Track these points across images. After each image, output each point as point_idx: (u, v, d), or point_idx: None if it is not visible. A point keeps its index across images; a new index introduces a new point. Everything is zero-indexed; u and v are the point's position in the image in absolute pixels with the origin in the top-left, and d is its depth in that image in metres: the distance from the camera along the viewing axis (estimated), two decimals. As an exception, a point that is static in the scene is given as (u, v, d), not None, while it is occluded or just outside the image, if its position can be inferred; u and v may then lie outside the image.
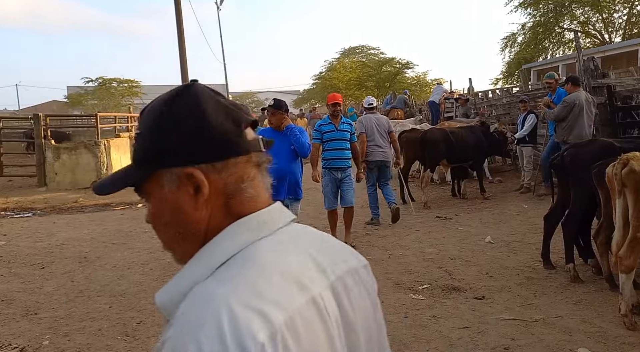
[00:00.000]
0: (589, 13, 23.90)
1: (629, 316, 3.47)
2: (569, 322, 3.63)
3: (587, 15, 24.06)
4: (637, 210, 3.42)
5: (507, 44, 26.40)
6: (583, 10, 23.85)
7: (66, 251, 6.34)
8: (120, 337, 3.75)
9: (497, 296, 4.24)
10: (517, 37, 25.91)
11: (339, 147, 5.91)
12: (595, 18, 23.98)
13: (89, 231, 7.54)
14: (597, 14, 23.49)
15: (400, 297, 4.30)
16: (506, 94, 12.96)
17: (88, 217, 8.85)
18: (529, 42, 25.23)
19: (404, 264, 5.20)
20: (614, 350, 3.19)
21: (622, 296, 3.53)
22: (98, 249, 6.44)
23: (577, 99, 6.91)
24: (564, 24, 24.41)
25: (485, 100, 14.01)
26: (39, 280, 5.19)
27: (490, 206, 7.99)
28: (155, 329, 3.86)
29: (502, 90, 15.15)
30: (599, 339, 3.33)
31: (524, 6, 24.31)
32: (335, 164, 5.92)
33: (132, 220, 8.31)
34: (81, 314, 4.24)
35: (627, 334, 3.37)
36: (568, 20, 24.24)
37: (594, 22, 24.21)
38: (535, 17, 24.56)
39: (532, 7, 24.09)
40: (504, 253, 5.41)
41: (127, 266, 5.64)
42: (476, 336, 3.49)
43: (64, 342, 3.68)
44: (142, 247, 6.45)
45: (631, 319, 3.46)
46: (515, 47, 26.16)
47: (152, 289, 4.80)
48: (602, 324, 3.56)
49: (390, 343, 3.23)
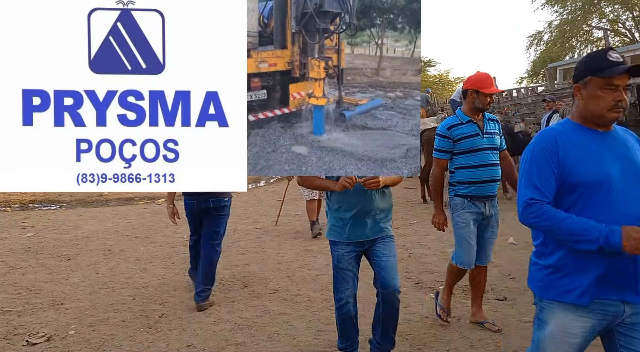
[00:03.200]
0: (618, 11, 23.33)
1: None
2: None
3: (617, 13, 23.48)
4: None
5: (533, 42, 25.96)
6: (613, 8, 23.30)
7: (91, 244, 6.48)
8: (143, 329, 3.82)
9: (519, 297, 4.18)
10: (544, 36, 25.48)
11: (487, 162, 3.55)
12: (625, 16, 23.39)
13: (113, 224, 7.68)
14: (628, 11, 22.90)
15: (420, 296, 4.28)
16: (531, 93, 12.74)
17: (112, 210, 9.01)
18: (555, 41, 24.76)
19: (424, 264, 5.16)
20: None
21: None
22: (122, 242, 6.55)
23: None
24: (593, 22, 23.88)
25: (509, 99, 13.80)
26: (65, 271, 5.31)
27: (513, 206, 7.83)
28: (177, 322, 3.92)
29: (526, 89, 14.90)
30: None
31: (550, 3, 23.87)
32: (481, 192, 3.55)
33: (154, 214, 8.44)
34: (105, 305, 4.32)
35: None
36: (597, 18, 23.71)
37: (624, 20, 23.61)
38: (562, 14, 24.09)
39: (560, 5, 23.63)
40: (526, 255, 5.30)
41: (149, 259, 5.73)
42: (497, 338, 3.45)
43: (88, 333, 3.77)
44: (164, 241, 6.55)
45: None
46: (541, 45, 25.73)
47: (173, 283, 4.87)
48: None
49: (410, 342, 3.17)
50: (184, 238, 6.68)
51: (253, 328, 3.78)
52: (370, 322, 3.76)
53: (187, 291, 4.63)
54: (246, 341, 3.58)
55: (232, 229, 7.14)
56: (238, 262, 5.49)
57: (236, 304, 4.28)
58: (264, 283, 4.78)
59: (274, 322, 3.88)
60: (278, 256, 5.70)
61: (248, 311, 4.11)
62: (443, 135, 3.61)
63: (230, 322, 3.91)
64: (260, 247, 6.15)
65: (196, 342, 3.58)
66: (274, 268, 5.26)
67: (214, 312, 4.11)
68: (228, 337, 3.65)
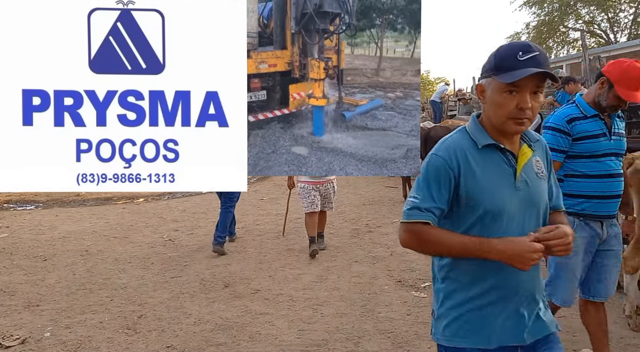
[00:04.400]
0: (594, 12, 23.81)
1: (633, 317, 3.45)
2: (572, 322, 3.61)
3: (593, 15, 23.97)
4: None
5: (511, 42, 26.30)
6: (588, 10, 23.77)
7: (68, 244, 6.34)
8: (121, 331, 3.75)
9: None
10: (522, 36, 25.83)
11: (610, 171, 2.74)
12: (601, 17, 23.89)
13: (91, 224, 7.54)
14: (603, 13, 23.39)
15: (402, 294, 4.29)
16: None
17: (90, 210, 8.84)
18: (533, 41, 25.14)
19: (406, 262, 5.18)
20: (618, 351, 3.17)
21: (627, 297, 3.51)
22: (100, 242, 6.43)
23: None
24: (569, 24, 24.32)
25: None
26: (41, 272, 5.19)
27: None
28: (156, 323, 3.85)
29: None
30: (602, 340, 3.31)
31: (528, 5, 24.23)
32: (599, 209, 2.74)
33: (133, 214, 8.31)
34: (82, 306, 4.23)
35: (631, 335, 3.36)
36: (573, 20, 24.16)
37: (599, 21, 24.11)
38: (539, 16, 24.49)
39: (537, 6, 24.01)
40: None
41: (128, 259, 5.63)
42: (478, 335, 3.47)
43: (65, 334, 3.68)
44: (143, 241, 6.45)
45: (635, 321, 3.44)
46: (519, 46, 26.06)
47: (153, 283, 4.80)
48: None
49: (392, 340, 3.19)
50: (163, 238, 6.60)
51: (234, 328, 3.74)
52: (352, 320, 3.77)
53: (166, 291, 4.57)
54: (227, 341, 3.54)
55: (213, 229, 7.07)
56: (219, 262, 5.43)
57: (217, 304, 4.24)
58: (246, 283, 4.74)
59: (256, 322, 3.85)
60: (260, 256, 5.66)
61: (229, 311, 4.07)
62: (561, 130, 2.71)
63: (211, 322, 3.86)
64: (242, 246, 6.10)
65: (176, 343, 3.52)
66: (256, 268, 5.22)
67: (194, 312, 4.06)
68: (208, 337, 3.60)
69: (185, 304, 4.26)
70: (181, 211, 8.58)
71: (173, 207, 8.98)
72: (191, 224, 7.44)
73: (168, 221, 7.75)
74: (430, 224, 1.61)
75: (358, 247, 5.86)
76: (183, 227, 7.28)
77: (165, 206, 9.19)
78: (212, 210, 8.51)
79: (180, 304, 4.26)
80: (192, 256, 5.70)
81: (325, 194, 5.62)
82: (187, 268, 5.26)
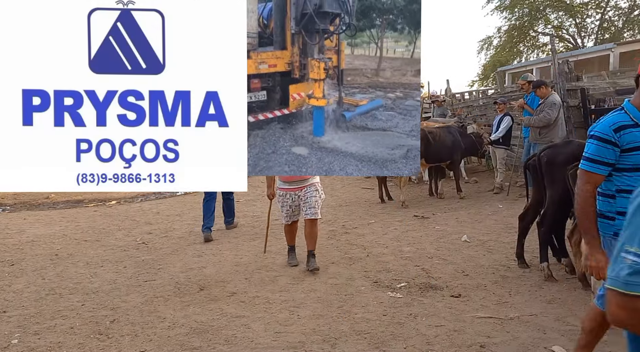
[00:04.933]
0: (562, 18, 24.45)
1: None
2: (543, 320, 3.70)
3: (561, 20, 24.61)
4: (610, 210, 3.48)
5: (484, 46, 26.80)
6: (557, 15, 24.41)
7: (37, 248, 6.17)
8: (92, 336, 3.66)
9: (473, 294, 4.29)
10: (493, 40, 26.34)
11: None
12: (569, 23, 24.55)
13: (61, 227, 7.35)
14: (571, 18, 24.05)
15: (378, 295, 4.32)
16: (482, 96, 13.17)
17: (60, 213, 8.62)
18: (504, 45, 25.66)
19: (382, 263, 5.21)
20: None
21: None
22: (70, 246, 6.28)
23: (558, 100, 7.10)
24: (539, 28, 24.92)
25: (462, 102, 14.21)
26: (8, 277, 5.03)
27: (466, 205, 8.09)
28: (129, 328, 3.78)
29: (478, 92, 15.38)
30: (572, 337, 3.40)
31: (500, 10, 24.72)
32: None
33: (105, 217, 8.14)
34: (52, 312, 4.12)
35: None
36: (542, 25, 24.76)
37: (568, 26, 24.78)
38: (510, 20, 25.00)
39: (508, 11, 24.50)
40: (479, 252, 5.48)
41: (100, 263, 5.51)
42: (453, 334, 3.52)
43: (34, 341, 3.58)
44: (115, 245, 6.32)
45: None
46: (491, 50, 26.58)
47: (126, 287, 4.70)
48: (575, 322, 3.63)
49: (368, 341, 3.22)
50: (136, 241, 6.48)
51: (209, 332, 3.70)
52: (329, 321, 3.77)
53: (140, 295, 4.49)
54: (202, 345, 3.50)
55: (187, 231, 6.99)
56: (194, 265, 5.37)
57: (192, 307, 4.18)
58: (221, 286, 4.70)
59: (231, 325, 3.82)
60: (236, 258, 5.62)
61: (204, 315, 4.02)
62: (607, 140, 2.40)
63: (186, 326, 3.81)
64: (218, 249, 6.04)
65: (149, 348, 3.46)
66: (232, 270, 5.17)
67: (168, 316, 4.00)
68: (183, 342, 3.55)
69: (159, 308, 4.19)
70: (155, 213, 8.45)
71: (146, 209, 8.83)
72: (165, 227, 7.33)
73: (141, 223, 7.62)
74: None
75: (335, 248, 5.87)
76: (157, 229, 7.16)
77: (138, 208, 9.03)
78: (186, 212, 8.41)
79: (154, 308, 4.19)
80: (167, 259, 5.62)
81: (306, 198, 4.89)
82: (161, 271, 5.18)
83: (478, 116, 11.89)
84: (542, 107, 7.15)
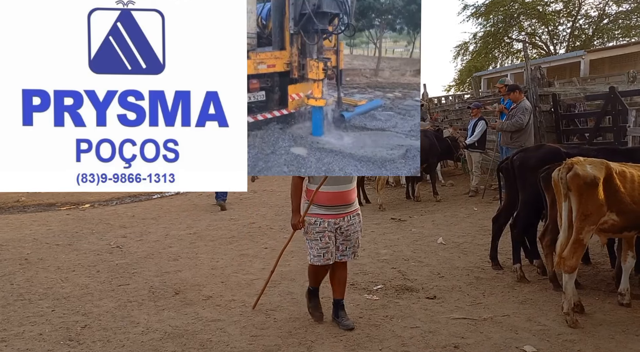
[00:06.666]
0: (535, 25, 25.03)
1: (570, 314, 3.63)
2: (515, 320, 3.76)
3: (534, 27, 25.19)
4: (581, 213, 3.59)
5: (460, 52, 27.26)
6: (530, 22, 24.96)
7: (5, 253, 6.00)
8: (63, 342, 3.58)
9: (447, 295, 4.33)
10: (469, 46, 26.79)
11: None
12: (542, 30, 25.14)
13: (31, 231, 7.17)
14: (544, 26, 24.64)
15: (354, 297, 4.33)
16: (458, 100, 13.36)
17: (30, 217, 8.41)
18: (480, 51, 26.13)
19: (358, 265, 5.23)
20: (557, 347, 3.33)
21: (565, 295, 3.69)
22: (41, 250, 6.12)
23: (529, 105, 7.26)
24: (513, 35, 25.44)
25: (439, 106, 14.39)
26: (-25, 283, 4.88)
27: (442, 208, 8.19)
28: (101, 334, 3.70)
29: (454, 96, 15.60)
30: (543, 337, 3.47)
31: (475, 16, 25.17)
32: None
33: (78, 220, 7.97)
34: (20, 318, 4.01)
35: (569, 332, 3.53)
36: (516, 31, 25.28)
37: (540, 34, 25.37)
38: (485, 27, 25.48)
39: (483, 18, 24.97)
40: (454, 254, 5.55)
41: (72, 268, 5.39)
42: (427, 335, 3.55)
43: (1, 348, 3.47)
44: (88, 249, 6.19)
45: (573, 317, 3.61)
46: (467, 55, 27.05)
47: (98, 292, 4.61)
48: (546, 322, 3.71)
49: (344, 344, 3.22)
50: (110, 245, 6.36)
51: (184, 336, 3.65)
52: (305, 324, 3.76)
53: (113, 300, 4.40)
54: (176, 350, 3.45)
55: (163, 235, 6.89)
56: (169, 269, 5.30)
57: (166, 312, 4.12)
58: (197, 289, 4.64)
59: (207, 329, 3.77)
60: (212, 261, 5.56)
61: (179, 319, 3.96)
62: None
63: (160, 331, 3.75)
64: (194, 252, 5.97)
65: (123, 354, 3.40)
66: (208, 274, 5.12)
67: (142, 321, 3.93)
68: (157, 347, 3.50)
69: (132, 312, 4.12)
70: (130, 216, 8.31)
71: (121, 213, 8.69)
72: (140, 230, 7.21)
73: (116, 227, 7.49)
74: None
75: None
76: (132, 233, 7.05)
77: (112, 211, 8.87)
78: (163, 215, 8.30)
79: (127, 313, 4.11)
80: (141, 263, 5.53)
81: (348, 233, 3.63)
82: (135, 275, 5.09)
83: (454, 120, 12.06)
84: (514, 112, 7.29)
